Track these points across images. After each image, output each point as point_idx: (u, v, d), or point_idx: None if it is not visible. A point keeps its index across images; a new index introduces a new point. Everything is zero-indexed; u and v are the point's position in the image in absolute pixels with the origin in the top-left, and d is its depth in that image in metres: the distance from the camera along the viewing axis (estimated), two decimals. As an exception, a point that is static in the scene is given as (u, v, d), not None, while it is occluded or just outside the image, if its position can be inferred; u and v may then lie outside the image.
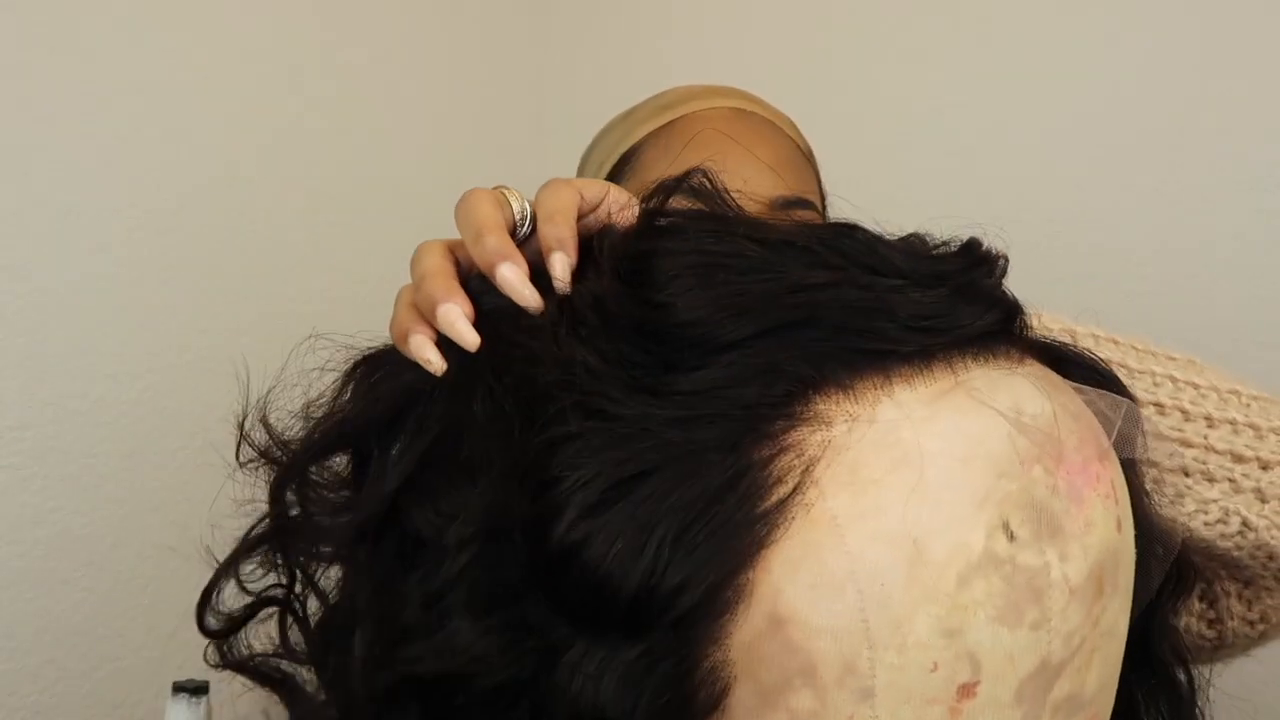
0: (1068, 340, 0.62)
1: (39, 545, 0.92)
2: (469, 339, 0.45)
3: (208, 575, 0.52)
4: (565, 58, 1.37)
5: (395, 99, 1.21)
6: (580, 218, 0.49)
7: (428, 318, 0.47)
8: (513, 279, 0.46)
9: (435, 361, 0.46)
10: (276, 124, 1.08)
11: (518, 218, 0.49)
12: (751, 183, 0.77)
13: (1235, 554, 0.62)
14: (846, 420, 0.42)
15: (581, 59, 1.36)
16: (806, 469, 0.41)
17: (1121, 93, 1.10)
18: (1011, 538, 0.41)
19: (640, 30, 1.34)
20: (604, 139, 0.87)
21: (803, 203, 0.79)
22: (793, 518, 0.41)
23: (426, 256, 0.49)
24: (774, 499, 0.41)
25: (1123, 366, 0.64)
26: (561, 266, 0.46)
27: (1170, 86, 1.08)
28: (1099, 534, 0.43)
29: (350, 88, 1.16)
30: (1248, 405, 0.64)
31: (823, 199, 0.85)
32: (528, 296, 0.46)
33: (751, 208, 0.52)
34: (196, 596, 0.53)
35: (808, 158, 0.84)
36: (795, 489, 0.41)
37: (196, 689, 0.77)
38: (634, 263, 0.46)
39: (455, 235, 0.49)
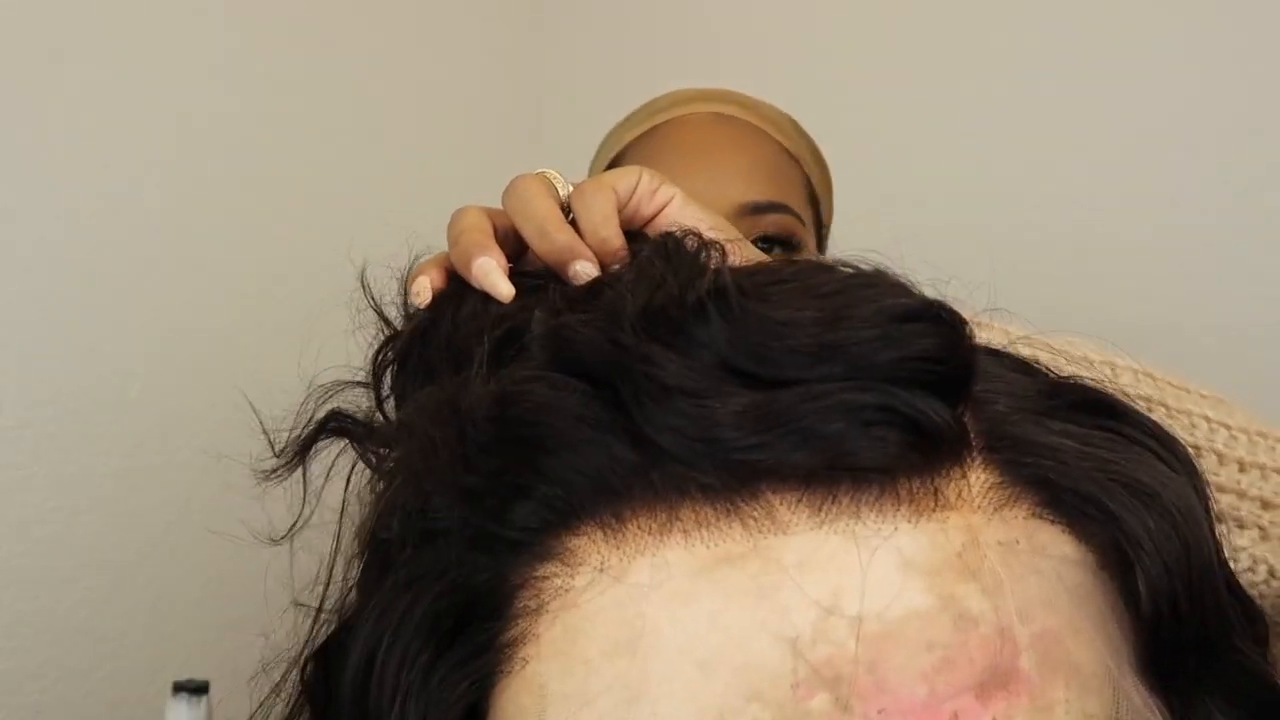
0: (1106, 375, 0.53)
1: (39, 545, 0.92)
2: (503, 290, 0.44)
3: (206, 574, 0.52)
4: (565, 59, 1.37)
5: (394, 100, 1.21)
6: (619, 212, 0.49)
7: (462, 272, 0.46)
8: (586, 277, 0.45)
9: (504, 288, 0.44)
10: (279, 126, 1.09)
11: (563, 204, 0.49)
12: (718, 188, 0.78)
13: (1259, 602, 0.61)
14: (594, 570, 0.34)
15: (581, 60, 1.36)
16: (535, 617, 0.34)
17: (1124, 90, 1.10)
18: None
19: (640, 31, 1.34)
20: (602, 146, 0.88)
21: (775, 207, 0.79)
22: (510, 671, 0.35)
23: (465, 215, 0.49)
24: (508, 636, 0.35)
25: (1161, 405, 0.60)
26: None
27: (1171, 84, 1.09)
28: None
29: (351, 89, 1.16)
30: (1273, 448, 0.62)
31: (816, 201, 0.85)
32: None
33: (721, 213, 0.49)
34: (196, 596, 0.53)
35: (797, 160, 0.84)
36: (520, 637, 0.34)
37: (196, 689, 0.78)
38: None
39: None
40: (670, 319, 0.36)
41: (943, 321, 0.35)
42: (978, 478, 0.34)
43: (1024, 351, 0.41)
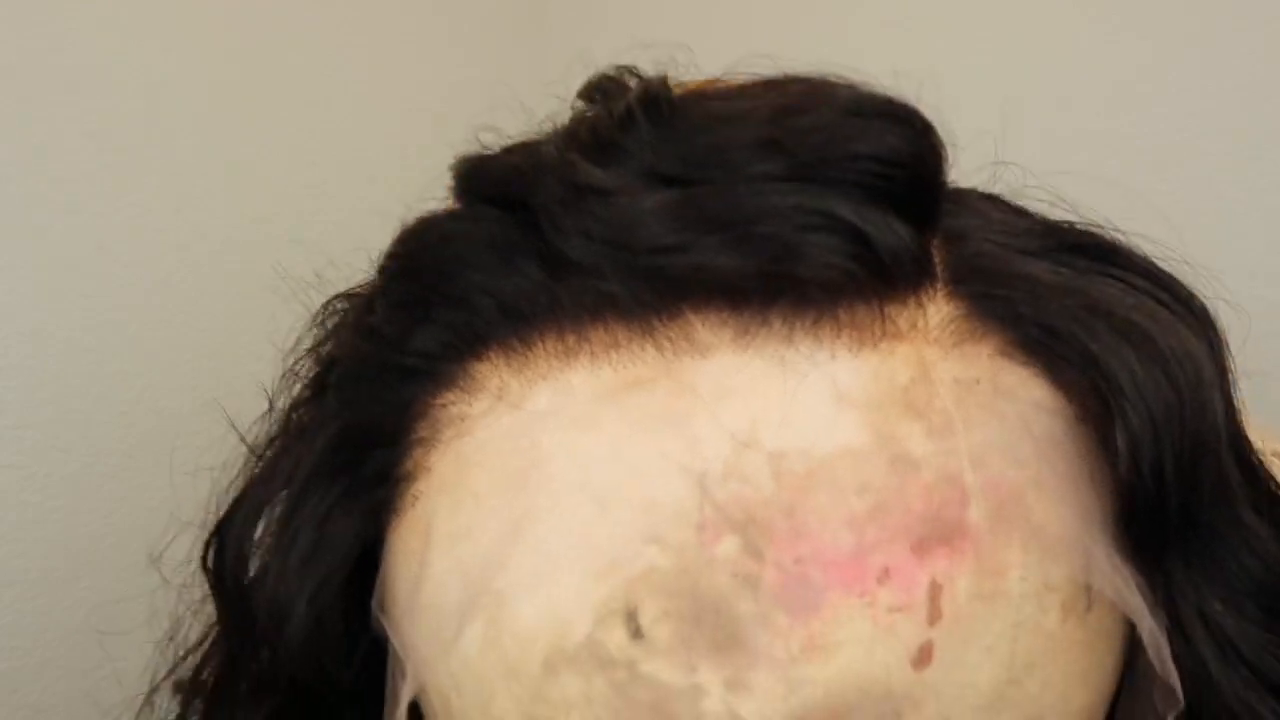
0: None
1: (39, 545, 0.92)
2: None
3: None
4: (568, 56, 1.37)
5: (395, 97, 1.21)
6: None
7: None
8: None
9: None
10: (278, 125, 1.08)
11: None
12: None
13: None
14: (493, 396, 0.30)
15: (584, 57, 1.36)
16: (428, 448, 0.31)
17: (1124, 88, 1.10)
18: (637, 634, 0.27)
19: (642, 27, 1.34)
20: None
21: None
22: (402, 509, 0.32)
23: None
24: (402, 469, 0.32)
25: None
26: None
27: (1171, 82, 1.08)
28: (839, 666, 0.26)
29: (349, 87, 1.16)
30: None
31: None
32: None
33: None
34: (197, 596, 0.53)
35: None
36: (413, 470, 0.32)
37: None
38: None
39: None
40: (596, 133, 0.32)
41: (909, 121, 0.30)
42: (938, 309, 0.30)
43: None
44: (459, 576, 0.29)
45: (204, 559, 0.39)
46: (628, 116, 0.31)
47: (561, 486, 0.28)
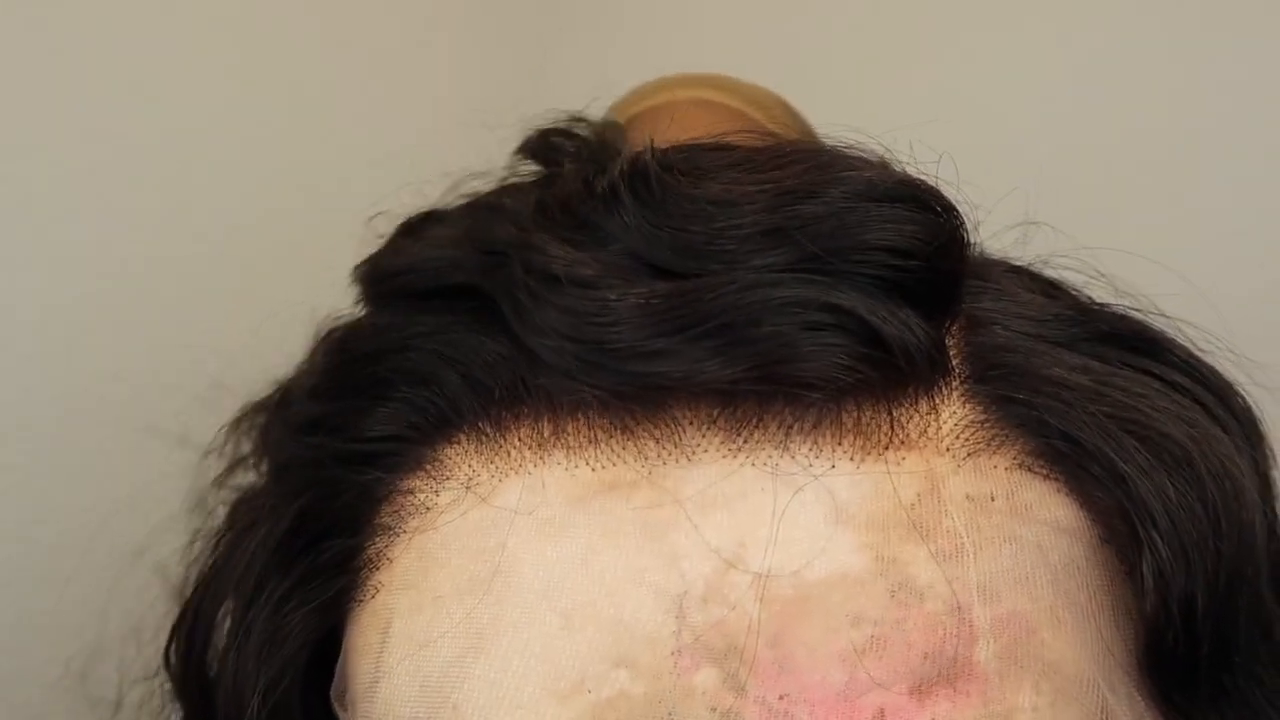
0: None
1: (39, 545, 0.92)
2: None
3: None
4: (567, 53, 1.37)
5: (394, 95, 1.21)
6: None
7: None
8: None
9: None
10: (276, 124, 1.08)
11: None
12: None
13: None
14: (460, 486, 0.28)
15: (584, 54, 1.36)
16: (391, 538, 0.29)
17: (1120, 88, 1.10)
18: None
19: (642, 22, 1.34)
20: None
21: None
22: (362, 600, 0.30)
23: None
24: (364, 557, 0.30)
25: None
26: None
27: (1169, 81, 1.08)
28: None
29: (350, 85, 1.16)
30: None
31: None
32: None
33: None
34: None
35: None
36: (375, 560, 0.30)
37: (198, 689, 0.78)
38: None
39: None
40: (572, 211, 0.29)
41: (927, 205, 0.27)
42: (952, 413, 0.27)
43: None
44: (417, 686, 0.27)
45: (165, 658, 0.39)
46: (611, 194, 0.28)
47: (527, 598, 0.25)
